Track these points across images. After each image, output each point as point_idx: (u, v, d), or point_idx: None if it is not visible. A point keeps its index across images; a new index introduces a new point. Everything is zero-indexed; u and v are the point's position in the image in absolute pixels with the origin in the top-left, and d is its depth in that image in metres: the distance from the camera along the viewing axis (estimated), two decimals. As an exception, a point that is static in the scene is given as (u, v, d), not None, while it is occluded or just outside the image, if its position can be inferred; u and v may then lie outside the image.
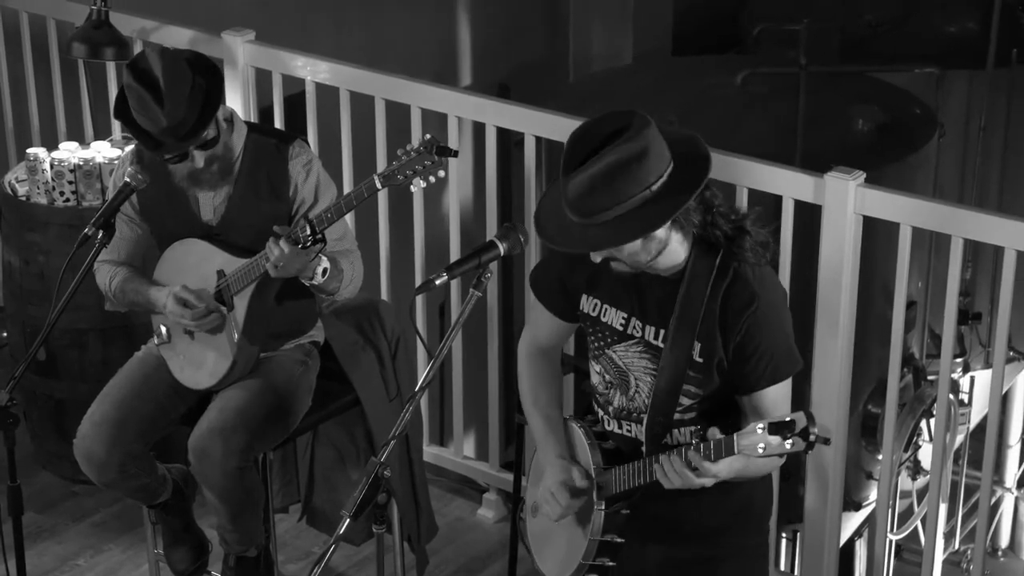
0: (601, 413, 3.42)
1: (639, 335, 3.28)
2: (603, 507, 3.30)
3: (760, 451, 2.98)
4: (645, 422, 3.29)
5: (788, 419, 2.98)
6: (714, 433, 3.08)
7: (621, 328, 3.31)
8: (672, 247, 3.17)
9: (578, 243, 3.13)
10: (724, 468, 3.08)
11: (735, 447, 3.02)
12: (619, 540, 3.30)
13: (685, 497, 3.19)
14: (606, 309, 3.34)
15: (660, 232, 3.12)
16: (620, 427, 3.37)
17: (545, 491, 3.39)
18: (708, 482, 3.11)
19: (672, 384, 3.24)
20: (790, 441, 2.97)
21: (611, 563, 3.33)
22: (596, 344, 3.37)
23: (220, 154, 4.02)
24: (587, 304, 3.37)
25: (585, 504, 3.36)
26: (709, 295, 3.17)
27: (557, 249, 3.24)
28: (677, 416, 3.27)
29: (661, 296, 3.22)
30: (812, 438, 2.96)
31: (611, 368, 3.36)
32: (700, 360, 3.21)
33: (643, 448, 3.30)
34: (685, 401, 3.26)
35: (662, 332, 3.24)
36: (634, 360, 3.31)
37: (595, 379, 3.41)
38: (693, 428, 3.29)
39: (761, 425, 2.98)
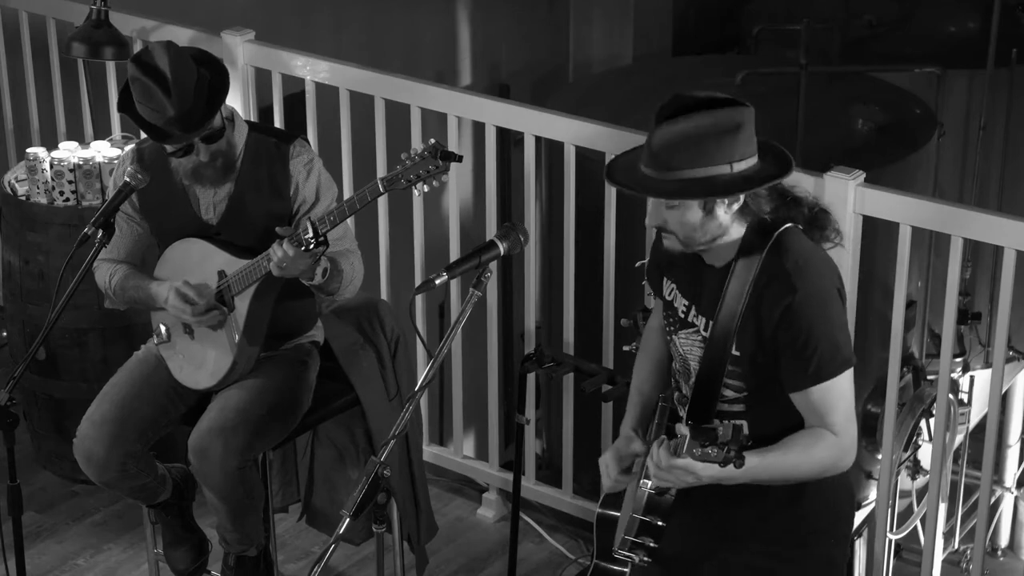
0: (675, 397, 3.42)
1: (696, 324, 3.28)
2: (649, 487, 3.28)
3: (696, 455, 2.99)
4: (686, 412, 3.28)
5: (713, 427, 2.97)
6: (681, 429, 3.07)
7: (683, 315, 3.32)
8: (730, 235, 3.17)
9: (640, 186, 3.13)
10: (691, 464, 3.05)
11: (684, 447, 3.02)
12: (660, 523, 3.29)
13: (739, 497, 3.18)
14: (677, 295, 3.35)
15: (721, 213, 3.13)
16: (683, 413, 3.35)
17: (601, 463, 3.39)
18: (682, 476, 3.08)
19: (712, 376, 3.21)
20: (711, 449, 2.97)
21: (653, 544, 3.31)
22: (667, 328, 3.38)
23: (224, 149, 4.02)
24: (666, 287, 3.39)
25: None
26: (751, 288, 3.15)
27: (618, 187, 3.20)
28: (723, 407, 3.24)
29: (714, 287, 3.22)
30: (730, 454, 2.95)
31: (676, 355, 3.36)
32: (737, 353, 3.19)
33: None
34: (729, 394, 3.24)
35: (710, 323, 3.23)
36: (691, 349, 3.30)
37: (671, 364, 3.42)
38: (741, 423, 3.24)
39: (690, 429, 2.99)
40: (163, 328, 4.21)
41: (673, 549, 3.33)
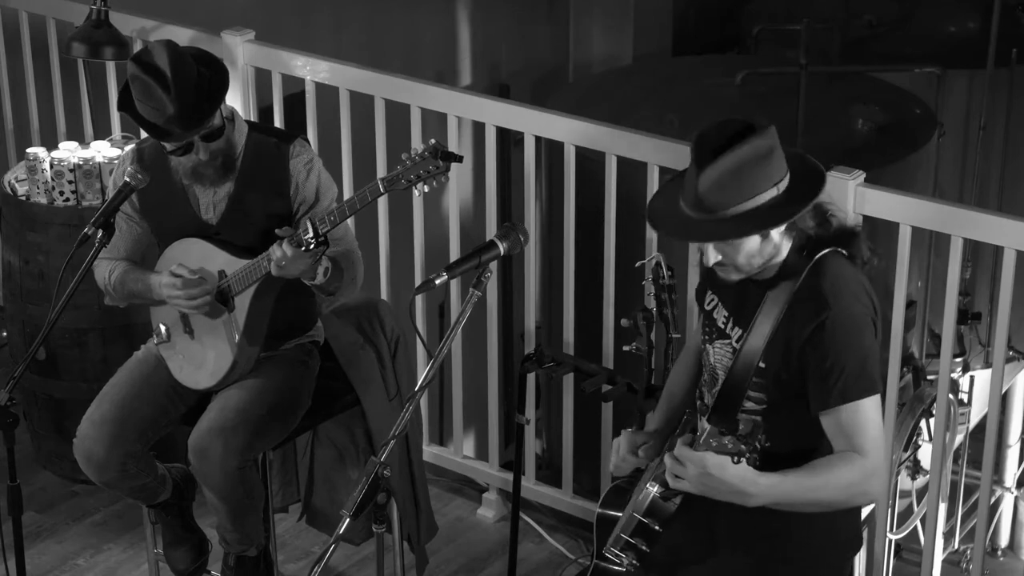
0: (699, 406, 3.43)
1: (731, 336, 3.29)
2: (654, 489, 3.29)
3: (713, 445, 3.00)
4: (705, 419, 3.28)
5: (736, 419, 2.96)
6: (703, 424, 3.08)
7: (722, 327, 3.33)
8: (780, 255, 3.19)
9: (700, 235, 3.15)
10: (707, 458, 3.04)
11: (702, 439, 3.03)
12: (657, 528, 3.29)
13: (743, 515, 3.15)
14: (718, 307, 3.35)
15: (776, 235, 3.15)
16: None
17: (615, 442, 3.40)
18: (691, 469, 3.06)
19: (737, 385, 3.21)
20: (728, 440, 2.98)
21: (645, 548, 3.31)
22: (704, 338, 3.39)
23: (224, 148, 4.02)
24: (707, 298, 3.40)
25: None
26: (787, 304, 3.15)
27: (674, 238, 3.23)
28: (743, 418, 3.23)
29: (754, 301, 3.22)
30: (742, 447, 2.96)
31: (707, 365, 3.37)
32: (763, 366, 3.19)
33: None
34: (749, 405, 3.23)
35: (744, 335, 3.24)
36: (722, 359, 3.31)
37: (701, 377, 3.43)
38: (759, 419, 3.24)
39: (714, 420, 3.00)
40: (163, 328, 4.22)
41: (664, 556, 3.33)
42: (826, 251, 3.19)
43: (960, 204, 5.15)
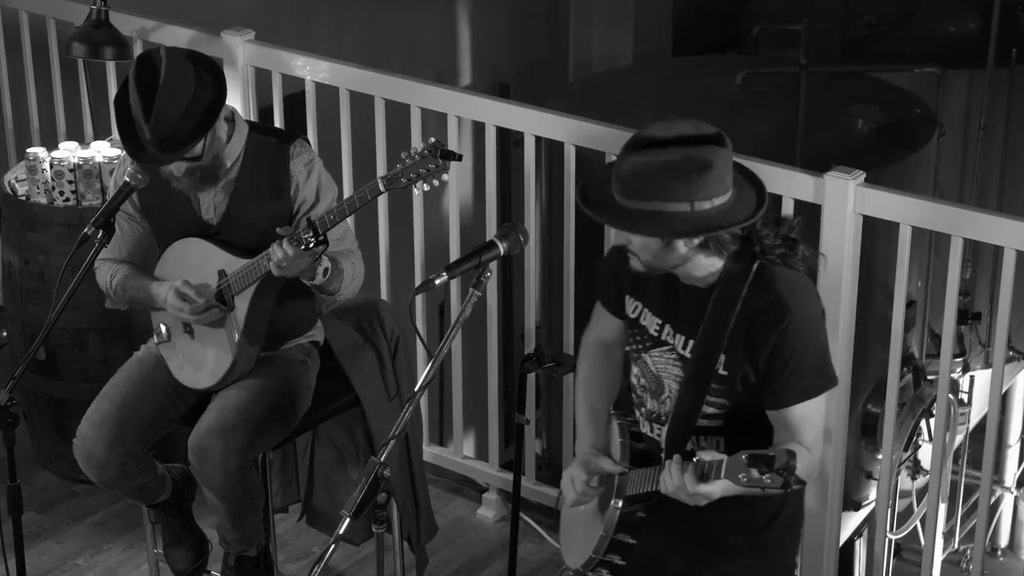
0: (637, 413, 3.41)
1: (671, 343, 3.28)
2: (619, 505, 3.29)
3: (742, 480, 2.98)
4: (666, 429, 3.29)
5: (770, 453, 2.97)
6: (708, 455, 3.05)
7: (655, 334, 3.31)
8: (698, 263, 3.16)
9: (606, 214, 3.13)
10: (718, 489, 3.05)
11: (722, 471, 3.00)
12: (631, 541, 3.30)
13: (707, 510, 3.16)
14: (645, 313, 3.33)
15: (681, 247, 3.11)
16: (651, 430, 3.36)
17: (566, 477, 3.39)
18: (700, 500, 3.09)
19: (695, 395, 3.22)
20: (768, 476, 2.96)
21: (621, 561, 3.32)
22: (634, 347, 3.37)
23: (205, 165, 4.00)
24: (629, 305, 3.37)
25: (606, 499, 3.36)
26: (740, 310, 3.15)
27: (586, 211, 3.21)
28: (703, 423, 3.25)
29: (694, 307, 3.21)
30: (790, 478, 2.95)
31: (646, 372, 3.35)
32: (724, 373, 3.20)
33: (662, 454, 3.30)
34: (709, 410, 3.24)
35: (690, 343, 3.23)
36: (666, 367, 3.30)
37: (632, 380, 3.41)
38: (718, 438, 3.27)
39: (745, 455, 2.97)
40: (163, 328, 4.22)
41: (643, 565, 3.35)
42: (761, 262, 3.17)
43: (960, 204, 5.15)
